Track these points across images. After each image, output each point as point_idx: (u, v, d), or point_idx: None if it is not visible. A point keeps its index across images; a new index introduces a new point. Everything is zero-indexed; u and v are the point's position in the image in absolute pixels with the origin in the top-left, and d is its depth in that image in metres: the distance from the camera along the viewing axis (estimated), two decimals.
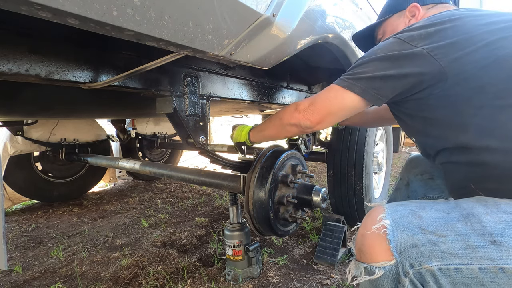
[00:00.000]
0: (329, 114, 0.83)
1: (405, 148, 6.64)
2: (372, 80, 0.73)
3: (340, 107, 0.80)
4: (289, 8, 0.76)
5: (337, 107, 0.81)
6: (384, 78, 0.72)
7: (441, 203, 0.67)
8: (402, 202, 0.71)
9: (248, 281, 1.27)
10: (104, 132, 2.74)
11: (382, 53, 0.74)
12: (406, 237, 0.59)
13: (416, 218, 0.62)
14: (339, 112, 0.82)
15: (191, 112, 0.97)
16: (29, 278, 1.39)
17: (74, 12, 0.39)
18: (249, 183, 1.02)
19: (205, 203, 2.51)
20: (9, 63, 0.64)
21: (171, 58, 0.70)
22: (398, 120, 0.92)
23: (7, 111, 1.48)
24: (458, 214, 0.61)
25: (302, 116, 0.87)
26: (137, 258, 1.52)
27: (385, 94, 0.74)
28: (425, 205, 0.67)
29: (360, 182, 1.67)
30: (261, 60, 0.78)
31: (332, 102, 0.81)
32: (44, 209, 2.39)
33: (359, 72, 0.76)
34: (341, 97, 0.78)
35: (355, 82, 0.75)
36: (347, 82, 0.76)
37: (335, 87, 0.80)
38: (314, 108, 0.85)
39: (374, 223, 0.63)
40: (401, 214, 0.64)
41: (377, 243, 0.61)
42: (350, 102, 0.77)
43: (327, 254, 1.44)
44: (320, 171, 3.80)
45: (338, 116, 0.83)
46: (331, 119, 0.84)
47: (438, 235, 0.58)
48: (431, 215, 0.62)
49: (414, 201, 0.72)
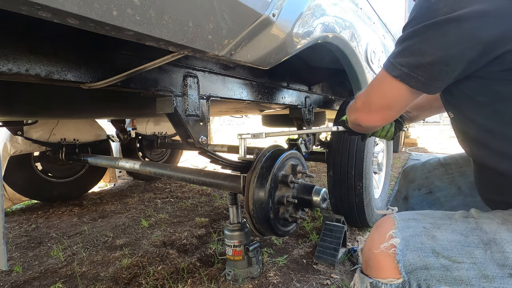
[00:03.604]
0: (388, 109, 0.71)
1: (405, 148, 6.64)
2: (433, 68, 0.56)
3: (398, 100, 0.67)
4: (289, 8, 0.76)
5: (394, 102, 0.68)
6: (450, 62, 0.54)
7: (459, 220, 0.60)
8: (415, 215, 0.64)
9: (248, 281, 1.27)
10: (104, 132, 2.74)
11: (444, 14, 0.51)
12: (417, 258, 0.55)
13: (430, 238, 0.56)
14: (398, 106, 0.70)
15: (191, 112, 0.97)
16: (29, 278, 1.39)
17: (74, 12, 0.39)
18: (249, 183, 1.02)
19: (205, 203, 2.51)
20: (9, 63, 0.64)
21: (171, 58, 0.70)
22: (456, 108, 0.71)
23: (7, 111, 1.48)
24: (478, 239, 0.55)
25: (360, 116, 0.78)
26: (137, 258, 1.52)
27: (449, 82, 0.60)
28: (440, 222, 0.60)
29: (360, 182, 1.67)
30: (261, 60, 0.78)
31: (387, 97, 0.68)
32: (44, 209, 2.39)
33: (414, 51, 0.57)
34: (396, 90, 0.64)
35: (411, 72, 0.58)
36: (400, 70, 0.59)
37: (386, 77, 0.64)
38: (370, 107, 0.74)
39: (382, 240, 0.58)
40: (413, 231, 0.58)
41: (385, 261, 0.57)
42: (406, 95, 0.64)
43: (327, 254, 1.44)
44: (320, 171, 3.80)
45: (399, 108, 0.71)
46: (392, 114, 0.73)
47: (453, 260, 0.53)
48: (447, 237, 0.56)
49: (428, 213, 0.65)
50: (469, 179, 0.99)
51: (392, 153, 2.45)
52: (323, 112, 3.08)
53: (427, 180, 1.08)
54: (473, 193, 0.97)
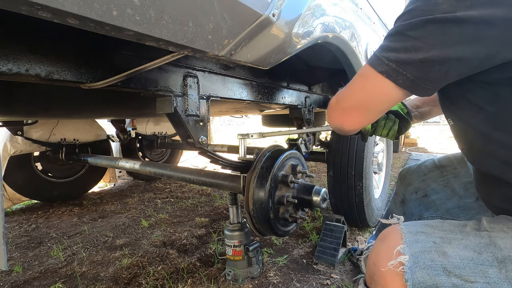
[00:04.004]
0: (365, 110, 0.63)
1: (405, 148, 6.64)
2: (426, 66, 0.51)
3: (379, 100, 0.60)
4: (289, 8, 0.76)
5: (374, 102, 0.61)
6: (447, 62, 0.49)
7: (471, 234, 0.56)
8: (423, 227, 0.59)
9: (248, 281, 1.27)
10: (104, 132, 2.74)
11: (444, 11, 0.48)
12: (427, 276, 0.52)
13: (440, 255, 0.53)
14: (378, 106, 0.62)
15: (191, 112, 0.97)
16: (29, 278, 1.39)
17: (74, 12, 0.39)
18: (249, 183, 1.02)
19: (205, 203, 2.51)
20: (9, 63, 0.64)
21: (171, 58, 0.70)
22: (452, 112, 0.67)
23: (7, 111, 1.48)
24: (492, 256, 0.51)
25: (332, 115, 0.69)
26: (137, 258, 1.52)
27: (444, 83, 0.55)
28: (451, 236, 0.56)
29: (360, 182, 1.67)
30: (261, 60, 0.78)
31: (368, 96, 0.60)
32: (44, 209, 2.39)
33: (406, 47, 0.51)
34: (380, 88, 0.57)
35: (400, 68, 0.52)
36: (387, 66, 0.54)
37: (370, 73, 0.57)
38: (345, 105, 0.65)
39: (390, 256, 0.54)
40: (423, 247, 0.55)
41: (393, 280, 0.54)
42: (390, 94, 0.57)
43: (327, 254, 1.44)
44: (320, 171, 3.80)
45: (378, 110, 0.63)
46: (368, 116, 0.65)
47: (465, 279, 0.50)
48: (459, 254, 0.53)
49: (437, 225, 0.60)
50: (463, 180, 0.99)
51: (392, 153, 2.45)
52: (323, 112, 3.09)
53: (423, 183, 1.07)
54: (467, 194, 0.97)
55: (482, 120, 0.59)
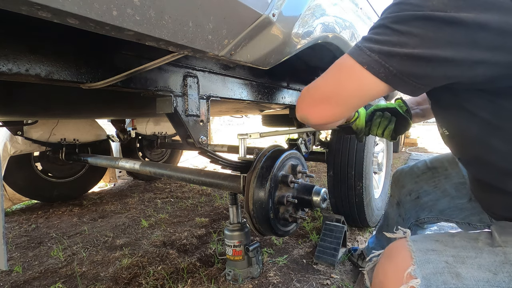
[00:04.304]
0: (336, 103, 0.57)
1: (405, 148, 6.64)
2: (410, 60, 0.47)
3: (356, 95, 0.55)
4: (289, 8, 0.76)
5: (350, 96, 0.55)
6: (434, 61, 0.46)
7: (484, 251, 0.53)
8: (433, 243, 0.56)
9: (248, 281, 1.27)
10: (104, 132, 2.74)
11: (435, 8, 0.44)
12: None
13: (454, 277, 0.50)
14: (352, 101, 0.56)
15: (191, 112, 0.97)
16: (29, 278, 1.39)
17: (74, 12, 0.39)
18: (249, 183, 1.02)
19: (205, 203, 2.51)
20: (9, 63, 0.64)
21: (171, 58, 0.70)
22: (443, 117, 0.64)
23: (7, 111, 1.48)
24: (508, 277, 0.49)
25: (300, 106, 0.64)
26: (137, 258, 1.52)
27: (430, 84, 0.51)
28: (464, 255, 0.53)
29: (360, 182, 1.67)
30: (261, 60, 0.78)
31: (343, 88, 0.55)
32: (44, 209, 2.39)
33: (391, 40, 0.48)
34: (358, 80, 0.52)
35: (382, 60, 0.48)
36: (368, 57, 0.50)
37: (349, 63, 0.52)
38: (315, 95, 0.60)
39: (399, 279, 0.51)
40: (435, 268, 0.51)
41: None
42: (368, 89, 0.52)
43: (327, 254, 1.44)
44: (320, 171, 3.80)
45: (352, 105, 0.58)
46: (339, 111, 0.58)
47: None
48: (473, 275, 0.50)
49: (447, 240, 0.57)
50: (454, 180, 0.98)
51: (392, 153, 2.45)
52: None
53: (416, 185, 1.07)
54: (459, 195, 0.96)
55: (481, 130, 0.56)
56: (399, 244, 0.57)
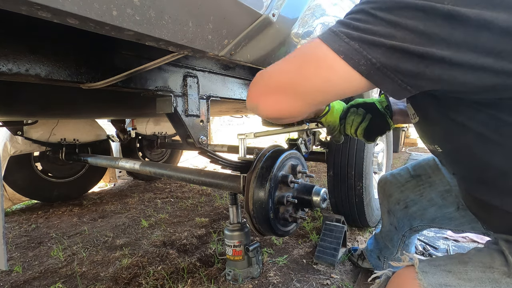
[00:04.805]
0: (294, 97, 0.47)
1: (405, 148, 6.64)
2: (398, 53, 0.39)
3: (325, 88, 0.45)
4: (289, 8, 0.76)
5: (312, 88, 0.45)
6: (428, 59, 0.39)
7: (502, 283, 0.48)
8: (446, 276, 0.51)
9: (248, 281, 1.27)
10: (104, 132, 2.74)
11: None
12: None
13: None
14: (315, 96, 0.47)
15: (191, 112, 0.97)
16: (29, 278, 1.39)
17: (74, 12, 0.39)
18: (249, 183, 1.02)
19: (205, 203, 2.51)
20: (9, 63, 0.64)
21: (171, 58, 0.70)
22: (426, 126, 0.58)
23: (7, 111, 1.48)
24: None
25: (251, 94, 0.54)
26: (137, 258, 1.52)
27: (419, 85, 0.42)
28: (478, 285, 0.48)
29: (360, 182, 1.67)
30: (261, 60, 0.78)
31: (308, 78, 0.45)
32: (44, 209, 2.39)
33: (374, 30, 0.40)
34: (330, 71, 0.43)
35: (363, 49, 0.40)
36: (346, 44, 0.41)
37: (321, 49, 0.43)
38: (270, 80, 0.50)
39: None
40: None
41: None
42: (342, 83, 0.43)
43: (327, 254, 1.44)
44: (320, 171, 3.80)
45: (314, 102, 0.48)
46: (294, 106, 0.48)
47: None
48: None
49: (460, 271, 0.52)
50: (439, 188, 0.97)
51: (392, 153, 2.45)
52: None
53: (402, 194, 1.06)
54: (446, 204, 0.95)
55: (480, 148, 0.50)
56: (408, 277, 0.52)
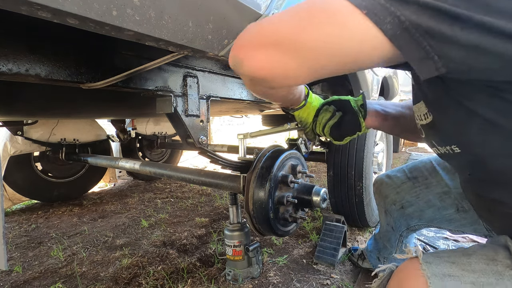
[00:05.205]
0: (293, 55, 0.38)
1: (405, 148, 6.64)
2: (429, 11, 0.32)
3: (329, 45, 0.36)
4: None
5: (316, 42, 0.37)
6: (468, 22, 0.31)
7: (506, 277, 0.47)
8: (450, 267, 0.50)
9: (248, 281, 1.27)
10: (104, 132, 2.74)
11: None
12: None
13: None
14: (317, 58, 0.38)
15: (191, 112, 0.97)
16: (29, 278, 1.39)
17: (74, 12, 0.39)
18: (249, 183, 1.02)
19: (205, 203, 2.51)
20: (9, 63, 0.64)
21: (171, 58, 0.70)
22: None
23: (7, 111, 1.48)
24: None
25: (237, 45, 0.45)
26: (137, 258, 1.52)
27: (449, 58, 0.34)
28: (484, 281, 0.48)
29: (360, 182, 1.67)
30: None
31: (310, 29, 0.36)
32: (44, 209, 2.39)
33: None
34: (342, 25, 0.35)
35: (392, 5, 0.33)
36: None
37: (338, 1, 0.36)
38: (264, 31, 0.41)
39: None
40: None
41: None
42: (359, 42, 0.35)
43: (327, 254, 1.44)
44: (320, 171, 3.80)
45: (314, 66, 0.40)
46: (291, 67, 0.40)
47: None
48: None
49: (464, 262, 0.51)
50: (436, 190, 0.96)
51: (392, 153, 2.45)
52: None
53: (398, 196, 1.06)
54: (445, 205, 0.95)
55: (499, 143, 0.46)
56: (412, 267, 0.51)
